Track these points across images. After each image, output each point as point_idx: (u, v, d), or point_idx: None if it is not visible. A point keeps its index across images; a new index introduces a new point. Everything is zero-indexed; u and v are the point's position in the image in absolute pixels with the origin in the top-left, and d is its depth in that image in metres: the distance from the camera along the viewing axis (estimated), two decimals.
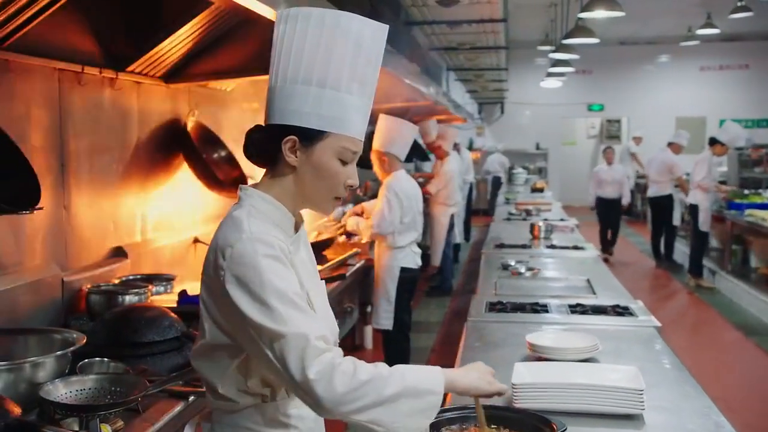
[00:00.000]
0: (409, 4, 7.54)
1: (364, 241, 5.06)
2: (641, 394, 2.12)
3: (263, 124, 1.68)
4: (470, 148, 17.14)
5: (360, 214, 5.19)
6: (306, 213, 1.86)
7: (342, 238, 5.43)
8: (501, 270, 4.56)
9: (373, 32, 1.66)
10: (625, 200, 11.26)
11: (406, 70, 5.56)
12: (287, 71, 1.62)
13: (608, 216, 11.30)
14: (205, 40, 3.73)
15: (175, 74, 3.84)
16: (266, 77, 1.69)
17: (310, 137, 1.62)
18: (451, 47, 10.10)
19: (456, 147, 10.14)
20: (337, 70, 1.62)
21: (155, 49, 3.46)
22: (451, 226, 8.68)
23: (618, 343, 2.93)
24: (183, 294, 3.04)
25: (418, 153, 9.95)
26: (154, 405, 2.22)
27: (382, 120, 4.99)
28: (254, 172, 4.17)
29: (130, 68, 3.48)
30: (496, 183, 14.95)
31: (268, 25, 1.82)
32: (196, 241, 4.15)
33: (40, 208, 2.39)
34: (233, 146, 4.35)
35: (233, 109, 4.72)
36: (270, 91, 1.65)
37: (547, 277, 4.42)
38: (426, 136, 8.49)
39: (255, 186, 1.70)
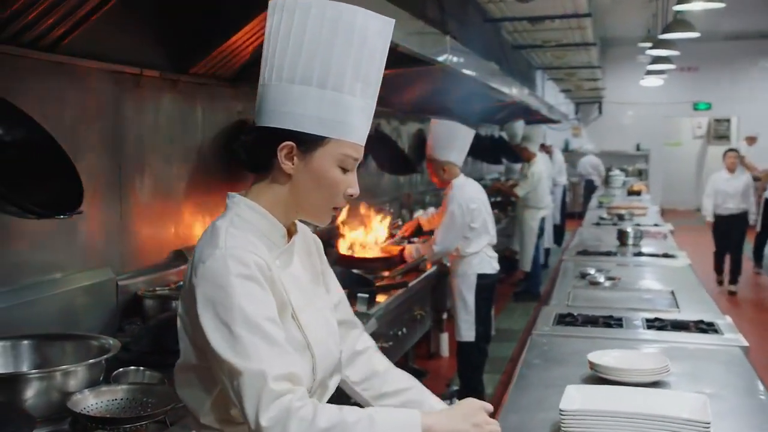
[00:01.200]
0: (485, 0, 7.33)
1: (429, 261, 4.81)
2: (707, 428, 1.89)
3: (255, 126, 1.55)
4: (565, 149, 16.65)
5: (417, 233, 5.02)
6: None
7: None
8: (578, 279, 4.31)
9: (379, 27, 1.52)
10: (753, 217, 9.17)
11: (484, 70, 5.37)
12: (283, 69, 1.49)
13: (729, 236, 9.03)
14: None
15: (242, 75, 3.79)
16: None
17: (308, 143, 1.49)
18: (535, 45, 9.80)
19: (546, 148, 9.84)
20: (340, 69, 1.48)
21: (219, 50, 3.42)
22: (541, 230, 8.41)
23: (695, 365, 2.67)
24: None
25: (507, 154, 9.69)
26: (185, 418, 2.14)
27: (435, 126, 4.81)
28: None
29: (193, 70, 3.45)
30: (589, 186, 14.41)
31: None
32: None
33: (80, 212, 2.36)
34: None
35: None
36: (262, 88, 1.52)
37: (627, 288, 4.15)
38: (513, 138, 8.26)
39: (245, 193, 1.58)
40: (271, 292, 1.45)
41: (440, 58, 4.05)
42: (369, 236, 4.98)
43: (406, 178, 6.99)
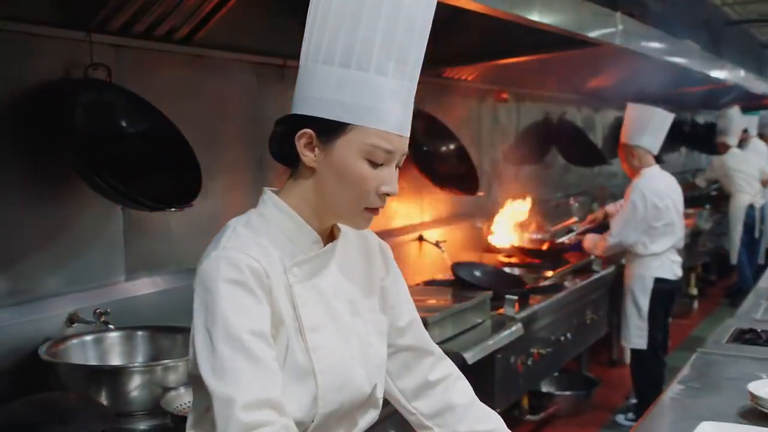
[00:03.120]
0: None
1: (599, 254, 4.40)
2: None
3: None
4: None
5: (600, 227, 4.60)
6: None
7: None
8: None
9: None
10: None
11: (680, 51, 4.84)
12: (309, 47, 1.31)
13: None
14: None
15: None
16: (499, 62, 1.38)
17: (329, 131, 1.30)
18: (750, 19, 8.72)
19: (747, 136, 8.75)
20: (366, 45, 1.27)
21: None
22: (751, 222, 7.59)
23: None
24: None
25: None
26: None
27: (629, 109, 4.38)
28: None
29: None
30: None
31: None
32: (420, 239, 3.96)
33: (190, 206, 2.34)
34: (466, 140, 4.10)
35: (468, 99, 4.44)
36: (298, 72, 1.36)
37: None
38: (723, 127, 7.50)
39: (278, 189, 1.41)
40: (266, 302, 1.28)
41: (614, 40, 3.67)
42: (536, 233, 4.67)
43: (600, 170, 6.53)
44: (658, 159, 4.46)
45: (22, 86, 2.23)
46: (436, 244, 3.91)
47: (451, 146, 4.00)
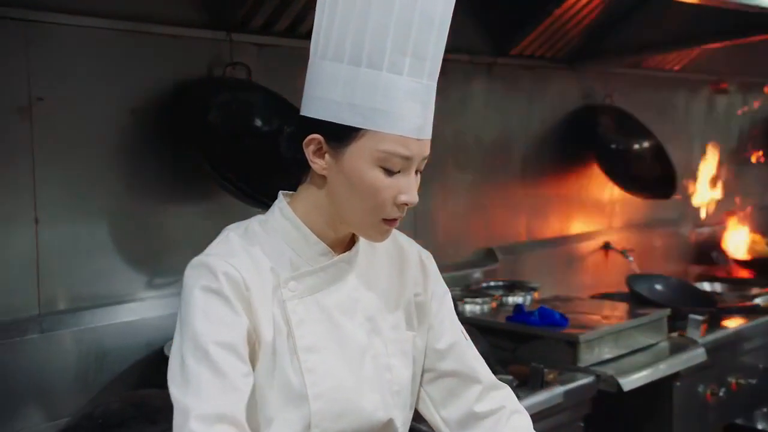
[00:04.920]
0: None
1: None
2: None
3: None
4: None
5: None
6: None
7: None
8: None
9: None
10: None
11: None
12: (318, 41, 1.19)
13: None
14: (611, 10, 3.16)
15: (582, 53, 3.36)
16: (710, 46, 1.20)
17: (338, 137, 1.16)
18: None
19: None
20: (377, 39, 1.13)
21: (546, 24, 3.05)
22: None
23: None
24: (517, 309, 2.61)
25: None
26: None
27: None
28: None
29: (515, 51, 3.15)
30: None
31: None
32: (606, 246, 3.61)
33: None
34: (664, 137, 3.68)
35: (669, 91, 3.98)
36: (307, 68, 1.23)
37: None
38: None
39: (291, 195, 1.28)
40: (244, 314, 1.16)
41: None
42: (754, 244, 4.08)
43: None
44: None
45: (166, 87, 2.28)
46: (623, 253, 3.54)
47: (645, 144, 3.60)
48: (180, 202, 2.33)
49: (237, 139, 2.30)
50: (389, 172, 1.17)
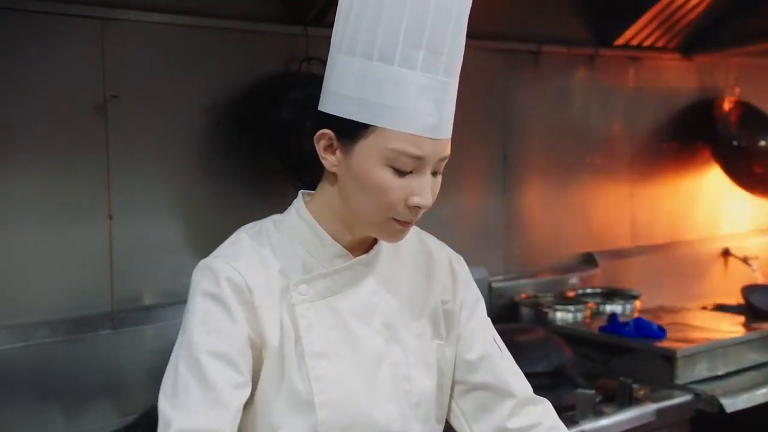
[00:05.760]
0: None
1: None
2: None
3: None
4: None
5: None
6: None
7: None
8: None
9: None
10: None
11: None
12: (336, 34, 1.11)
13: None
14: None
15: (698, 41, 3.10)
16: None
17: (348, 133, 1.08)
18: None
19: None
20: (390, 31, 1.05)
21: (653, 13, 2.84)
22: None
23: None
24: (612, 318, 2.41)
25: None
26: None
27: None
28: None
29: (619, 41, 2.94)
30: None
31: None
32: (726, 253, 3.32)
33: None
34: None
35: None
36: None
37: None
38: None
39: (312, 193, 1.20)
40: (244, 320, 1.09)
41: None
42: None
43: None
44: None
45: (242, 84, 2.27)
46: (745, 260, 3.24)
47: None
48: (254, 201, 2.30)
49: (309, 136, 2.24)
50: (400, 173, 1.08)
